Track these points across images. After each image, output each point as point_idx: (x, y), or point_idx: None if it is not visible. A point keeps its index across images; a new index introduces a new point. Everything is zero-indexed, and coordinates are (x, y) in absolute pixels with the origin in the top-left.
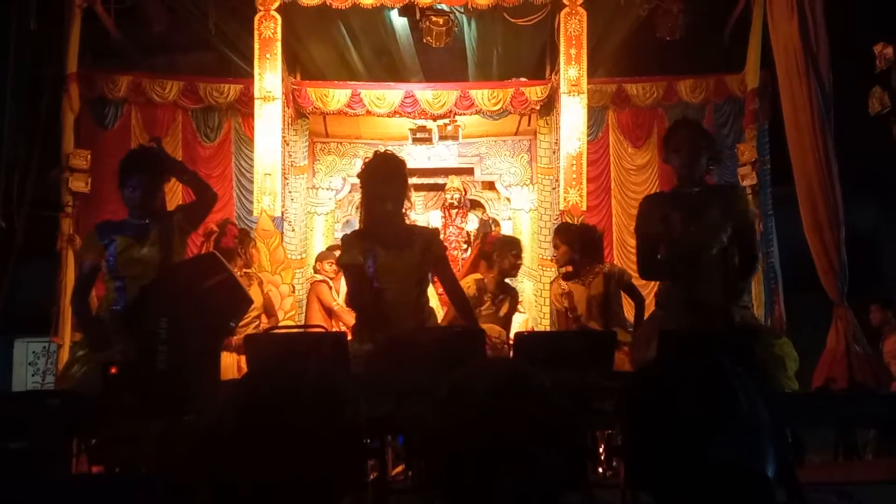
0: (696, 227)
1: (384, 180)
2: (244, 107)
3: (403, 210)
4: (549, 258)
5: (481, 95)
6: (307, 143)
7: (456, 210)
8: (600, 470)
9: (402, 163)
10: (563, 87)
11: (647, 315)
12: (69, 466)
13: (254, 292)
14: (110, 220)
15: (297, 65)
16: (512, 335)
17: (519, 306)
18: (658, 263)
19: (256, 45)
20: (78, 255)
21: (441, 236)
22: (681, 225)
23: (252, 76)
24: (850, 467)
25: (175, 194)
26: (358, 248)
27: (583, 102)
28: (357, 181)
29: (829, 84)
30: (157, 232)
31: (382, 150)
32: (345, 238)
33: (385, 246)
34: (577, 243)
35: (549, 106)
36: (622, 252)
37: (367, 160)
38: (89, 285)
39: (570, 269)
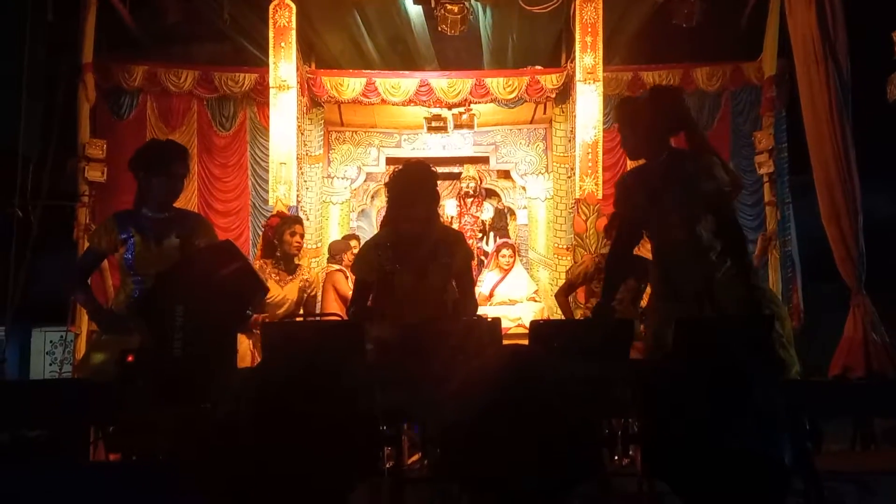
0: (659, 209)
1: (411, 201)
2: (259, 96)
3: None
4: (563, 247)
5: (496, 83)
6: (322, 132)
7: (471, 199)
8: (616, 458)
9: (430, 177)
10: (579, 75)
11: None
12: (87, 454)
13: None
14: (129, 210)
15: (312, 54)
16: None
17: (535, 295)
18: (620, 261)
19: (271, 34)
20: (89, 238)
21: (457, 225)
22: (643, 210)
23: (267, 65)
24: (867, 456)
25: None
26: (373, 265)
27: (598, 90)
28: (371, 170)
29: (847, 71)
30: (178, 232)
31: (413, 162)
32: (363, 248)
33: (408, 268)
34: None
35: (564, 94)
36: None
37: (395, 170)
38: (90, 271)
39: None
